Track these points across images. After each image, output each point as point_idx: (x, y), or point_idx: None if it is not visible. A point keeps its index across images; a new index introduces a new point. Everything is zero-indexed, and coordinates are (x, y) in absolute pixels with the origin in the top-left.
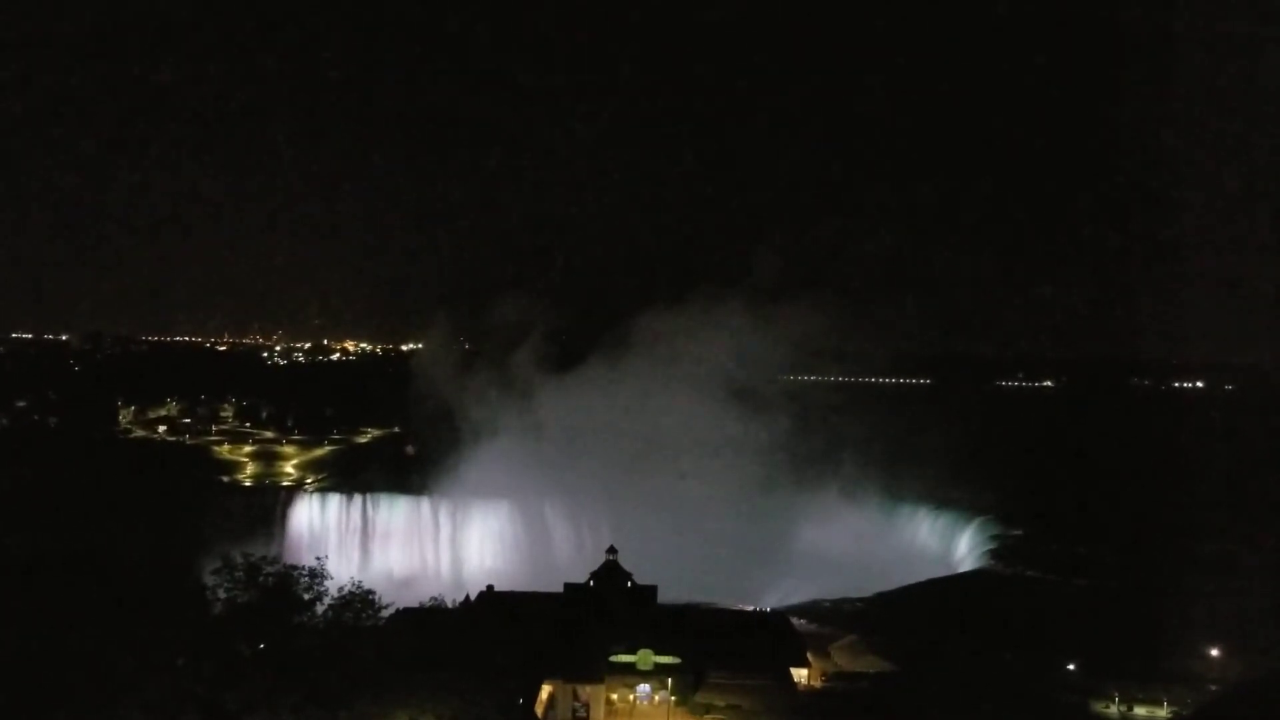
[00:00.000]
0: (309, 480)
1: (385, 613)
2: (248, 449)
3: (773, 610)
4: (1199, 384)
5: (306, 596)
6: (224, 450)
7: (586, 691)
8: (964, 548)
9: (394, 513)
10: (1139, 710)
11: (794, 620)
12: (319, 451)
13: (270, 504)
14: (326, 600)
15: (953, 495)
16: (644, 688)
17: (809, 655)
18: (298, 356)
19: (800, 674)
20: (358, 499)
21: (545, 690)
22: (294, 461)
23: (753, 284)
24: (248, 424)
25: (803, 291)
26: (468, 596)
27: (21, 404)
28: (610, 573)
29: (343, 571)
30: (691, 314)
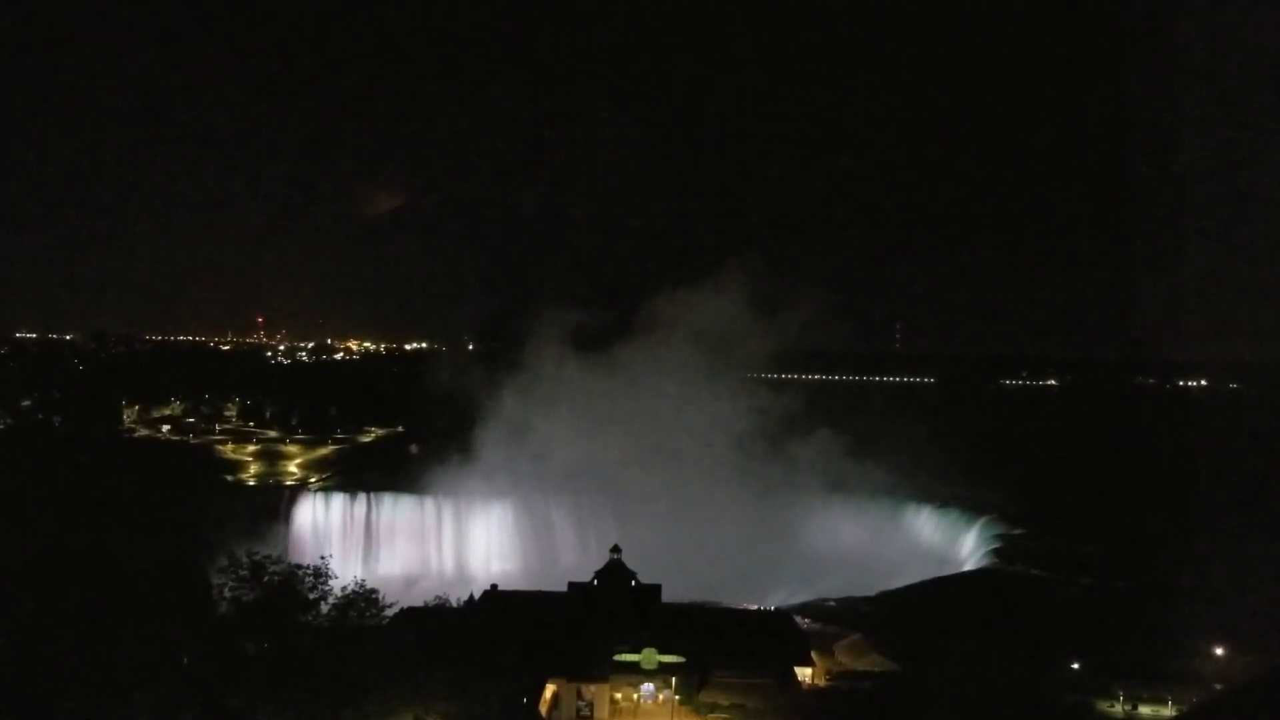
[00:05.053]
0: (313, 479)
1: (389, 612)
2: (251, 448)
3: (777, 609)
4: (1204, 382)
5: (311, 595)
6: (228, 449)
7: (591, 690)
8: (968, 547)
9: (398, 512)
10: (1144, 710)
11: (798, 619)
12: (323, 451)
13: (274, 503)
14: (330, 599)
15: (957, 494)
16: (648, 687)
17: (813, 654)
18: (301, 356)
19: (804, 673)
20: (362, 498)
21: (549, 689)
22: (298, 461)
23: (760, 284)
24: (251, 423)
25: (809, 291)
26: (471, 595)
27: (26, 403)
28: (614, 572)
29: (346, 571)
30: (698, 314)
